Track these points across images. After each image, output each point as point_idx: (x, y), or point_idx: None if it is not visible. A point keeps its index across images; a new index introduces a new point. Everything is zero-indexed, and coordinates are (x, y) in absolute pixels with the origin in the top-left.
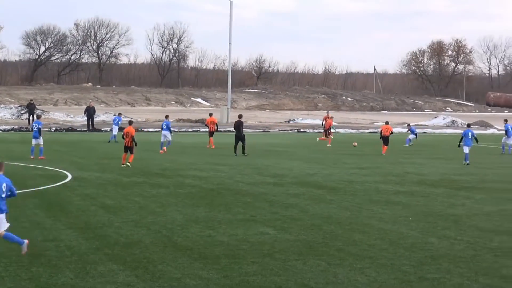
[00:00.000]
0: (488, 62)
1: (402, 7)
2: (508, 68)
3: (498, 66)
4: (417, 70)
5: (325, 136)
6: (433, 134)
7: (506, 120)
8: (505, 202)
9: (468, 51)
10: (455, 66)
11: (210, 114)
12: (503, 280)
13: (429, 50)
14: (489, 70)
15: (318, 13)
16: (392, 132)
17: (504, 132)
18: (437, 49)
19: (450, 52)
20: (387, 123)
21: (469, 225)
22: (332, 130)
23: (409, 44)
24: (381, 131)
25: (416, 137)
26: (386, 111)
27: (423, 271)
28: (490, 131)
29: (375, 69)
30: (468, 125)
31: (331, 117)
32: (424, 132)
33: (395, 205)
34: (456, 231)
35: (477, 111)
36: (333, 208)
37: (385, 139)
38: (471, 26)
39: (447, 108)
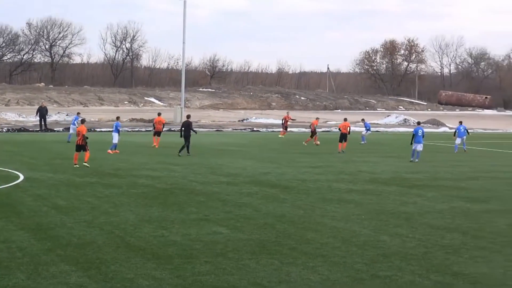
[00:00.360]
0: (440, 61)
1: (355, 6)
2: (459, 67)
3: (450, 65)
4: (370, 69)
5: (311, 137)
6: (385, 133)
7: (461, 122)
8: (456, 200)
9: (420, 50)
10: (408, 65)
11: (159, 114)
12: (454, 277)
13: (381, 49)
14: (441, 69)
15: (272, 12)
16: (349, 130)
17: (454, 131)
18: (390, 48)
19: (402, 51)
20: (345, 120)
21: (421, 223)
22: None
23: (362, 43)
24: (339, 128)
25: (370, 131)
26: (340, 110)
27: (375, 269)
28: (442, 129)
29: (328, 68)
30: (418, 123)
31: (317, 118)
32: (377, 131)
33: (348, 204)
34: (408, 228)
35: (429, 109)
36: (286, 207)
37: (343, 136)
38: (423, 25)
39: (400, 106)
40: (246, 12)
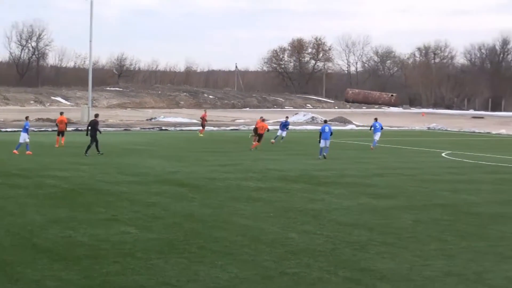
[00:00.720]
0: (347, 59)
1: (263, 5)
2: (366, 65)
3: (356, 63)
4: (278, 68)
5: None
6: (293, 131)
7: (376, 119)
8: (363, 197)
9: (327, 49)
10: (315, 63)
11: (61, 113)
12: (362, 272)
13: (289, 47)
14: (348, 67)
15: (180, 11)
16: (268, 130)
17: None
18: (297, 46)
19: (310, 50)
20: (263, 120)
21: (329, 220)
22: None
23: (270, 41)
24: (256, 128)
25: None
26: (248, 109)
27: (284, 266)
28: (349, 127)
29: (236, 66)
30: (325, 121)
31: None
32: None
33: (256, 202)
34: (315, 225)
35: (336, 107)
36: (195, 206)
37: (260, 136)
38: (331, 24)
39: (307, 105)
40: (154, 11)
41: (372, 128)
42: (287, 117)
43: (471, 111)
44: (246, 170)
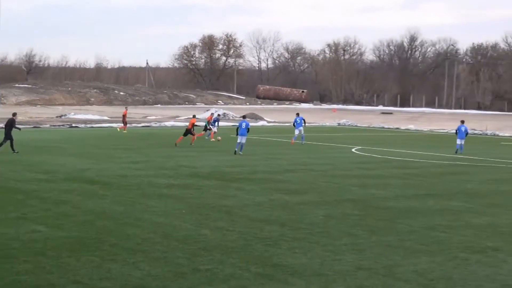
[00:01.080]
0: (257, 55)
1: (174, 1)
2: (277, 61)
3: (267, 60)
4: (189, 64)
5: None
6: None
7: (298, 114)
8: (274, 192)
9: (238, 45)
10: (226, 59)
11: None
12: (274, 268)
13: (200, 44)
14: (258, 64)
15: (90, 6)
16: (194, 125)
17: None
18: (208, 43)
19: (221, 46)
20: (194, 116)
21: (241, 216)
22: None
23: (181, 38)
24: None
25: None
26: (159, 105)
27: (196, 263)
28: (261, 123)
29: (147, 63)
30: (244, 117)
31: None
32: (197, 125)
33: (169, 198)
34: (228, 222)
35: (247, 103)
36: (106, 203)
37: (187, 131)
38: (242, 20)
39: (219, 101)
40: (65, 6)
41: (295, 123)
42: (218, 114)
43: (380, 107)
44: (158, 167)
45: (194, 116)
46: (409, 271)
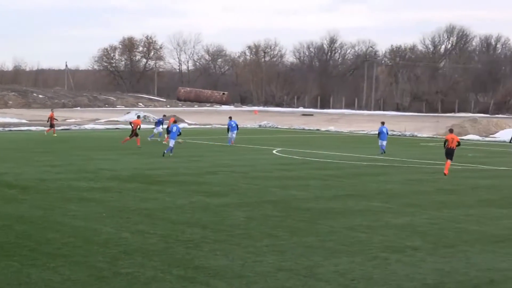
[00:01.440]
0: (178, 58)
1: (94, 3)
2: (197, 63)
3: (188, 62)
4: (109, 66)
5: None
6: (125, 130)
7: (230, 117)
8: (196, 195)
9: (158, 47)
10: (146, 62)
11: None
12: (195, 270)
13: (120, 46)
14: (179, 66)
15: (8, 7)
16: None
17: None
18: (129, 45)
19: (141, 48)
20: (139, 117)
21: (162, 219)
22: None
23: (101, 40)
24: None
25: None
26: (79, 108)
27: (118, 267)
28: (182, 125)
29: (66, 65)
30: (174, 122)
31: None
32: (117, 128)
33: (89, 202)
34: (149, 225)
35: (168, 106)
36: (25, 208)
37: (133, 133)
38: (162, 22)
39: (139, 103)
40: None
41: (229, 127)
42: (164, 115)
43: (301, 109)
44: (78, 170)
45: (138, 117)
46: (330, 272)
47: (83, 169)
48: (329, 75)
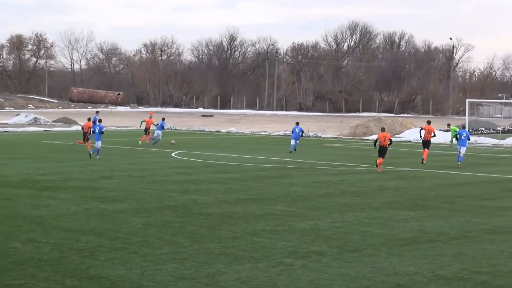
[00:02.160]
0: (70, 56)
1: None
2: (90, 62)
3: (80, 61)
4: None
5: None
6: (15, 133)
7: (163, 118)
8: (91, 201)
9: (49, 46)
10: (36, 61)
11: None
12: (91, 280)
13: (8, 44)
14: (71, 65)
15: None
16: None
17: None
18: (17, 43)
19: (30, 47)
20: (89, 119)
21: (55, 227)
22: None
23: None
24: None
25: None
26: None
27: (8, 278)
28: (74, 127)
29: None
30: (100, 120)
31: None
32: (6, 132)
33: None
34: (41, 233)
35: (60, 107)
36: None
37: (84, 135)
38: (52, 19)
39: (29, 105)
40: None
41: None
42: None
43: (201, 109)
44: None
45: (89, 119)
46: (233, 279)
47: None
48: (229, 74)
